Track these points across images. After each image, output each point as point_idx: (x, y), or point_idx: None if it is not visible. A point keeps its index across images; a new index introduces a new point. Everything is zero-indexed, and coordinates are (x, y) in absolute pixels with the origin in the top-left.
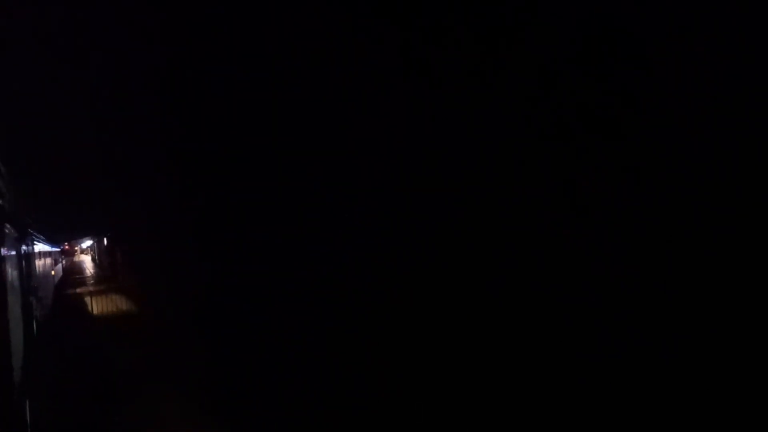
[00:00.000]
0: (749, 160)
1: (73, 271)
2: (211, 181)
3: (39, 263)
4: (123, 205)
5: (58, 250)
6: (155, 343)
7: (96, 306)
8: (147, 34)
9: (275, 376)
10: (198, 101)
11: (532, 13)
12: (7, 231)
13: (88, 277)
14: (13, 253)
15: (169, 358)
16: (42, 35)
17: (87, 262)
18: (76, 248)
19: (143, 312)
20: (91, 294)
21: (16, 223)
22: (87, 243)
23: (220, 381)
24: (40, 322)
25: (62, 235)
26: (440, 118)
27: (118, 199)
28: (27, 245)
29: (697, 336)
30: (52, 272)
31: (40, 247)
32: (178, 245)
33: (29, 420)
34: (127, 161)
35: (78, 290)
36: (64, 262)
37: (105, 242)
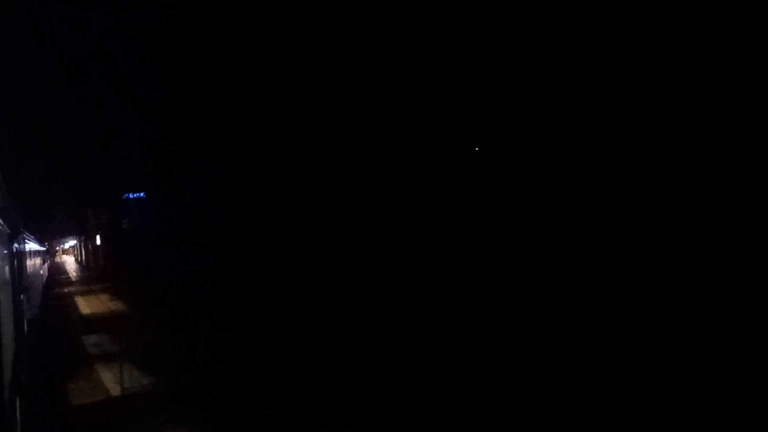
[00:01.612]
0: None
1: (59, 272)
2: (207, 182)
3: (29, 263)
4: (120, 203)
5: (44, 249)
6: (151, 342)
7: (86, 306)
8: (149, 34)
9: (270, 375)
10: (195, 101)
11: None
12: None
13: (74, 277)
14: (5, 251)
15: (163, 357)
16: (39, 36)
17: (70, 263)
18: (57, 248)
19: (138, 314)
20: (80, 294)
21: (7, 219)
22: (70, 243)
23: (211, 379)
24: (31, 322)
25: (51, 233)
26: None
27: (113, 197)
28: (18, 243)
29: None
30: (41, 272)
31: (30, 246)
32: (178, 246)
33: (19, 418)
34: (121, 159)
35: (66, 290)
36: (49, 262)
37: (97, 241)
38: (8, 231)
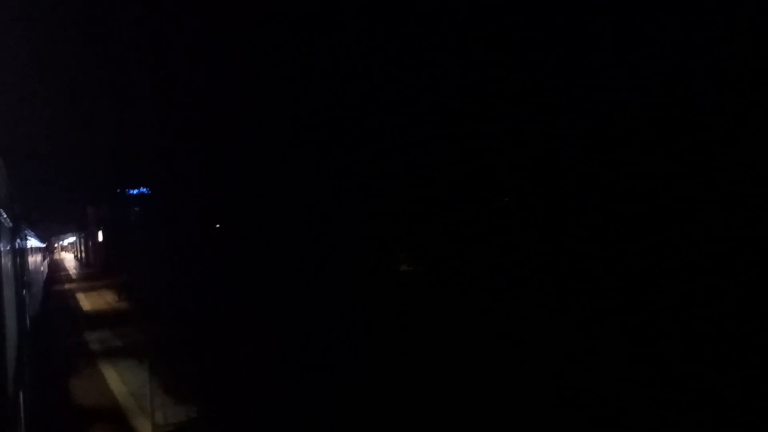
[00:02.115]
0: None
1: (59, 268)
2: (213, 176)
3: (31, 259)
4: (123, 198)
5: (45, 246)
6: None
7: (89, 304)
8: (153, 30)
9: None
10: (198, 97)
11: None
12: (2, 221)
13: (75, 274)
14: (8, 247)
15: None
16: (42, 34)
17: (69, 259)
18: (56, 245)
19: (143, 313)
20: (82, 291)
21: (10, 214)
22: (69, 240)
23: (212, 379)
24: (33, 318)
25: (50, 229)
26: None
27: (116, 193)
28: (21, 239)
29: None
30: (42, 268)
31: (31, 242)
32: (185, 246)
33: (23, 412)
34: (124, 153)
35: (68, 287)
36: (48, 258)
37: (99, 237)
38: (11, 226)
